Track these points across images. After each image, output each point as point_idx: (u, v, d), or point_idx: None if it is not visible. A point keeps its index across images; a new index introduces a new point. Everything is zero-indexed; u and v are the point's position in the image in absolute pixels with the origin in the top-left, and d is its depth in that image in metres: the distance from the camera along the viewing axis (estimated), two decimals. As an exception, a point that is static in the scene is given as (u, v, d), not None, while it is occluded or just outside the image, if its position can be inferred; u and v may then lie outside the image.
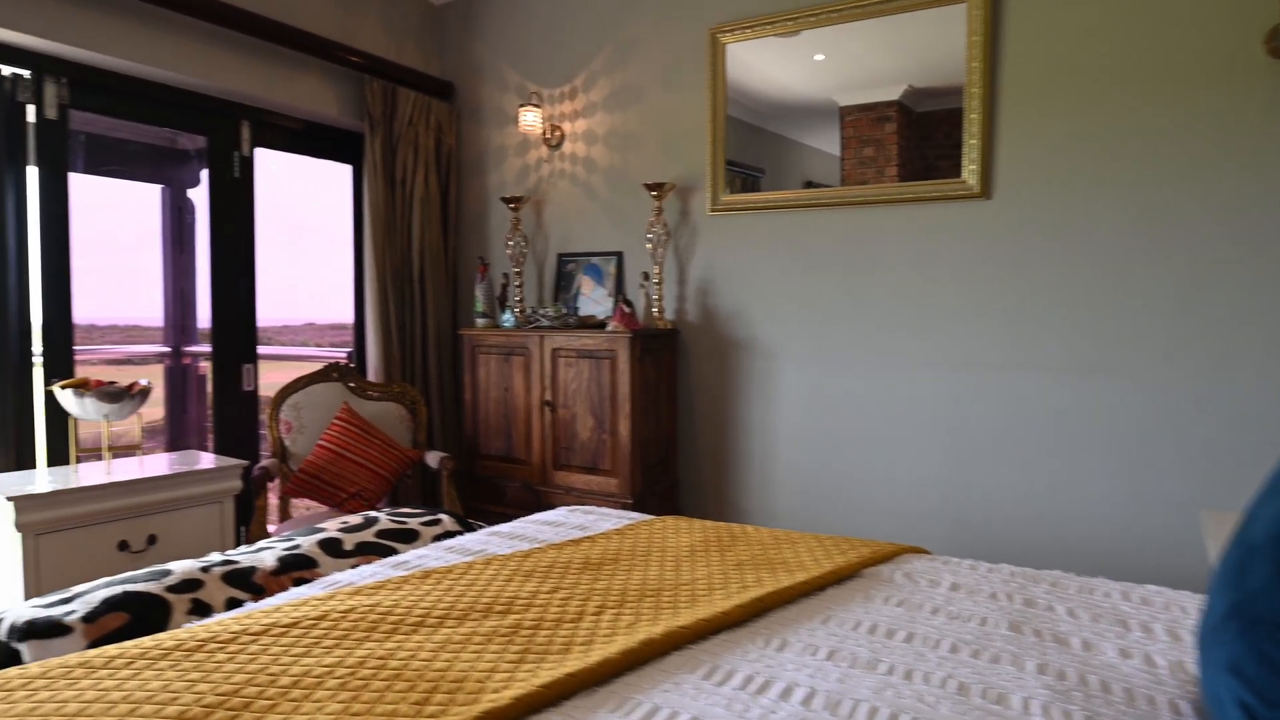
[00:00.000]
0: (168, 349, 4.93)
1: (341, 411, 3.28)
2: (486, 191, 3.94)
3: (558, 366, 3.25)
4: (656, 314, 3.33)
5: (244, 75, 3.22)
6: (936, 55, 2.86)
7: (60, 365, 2.88)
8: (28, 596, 2.31)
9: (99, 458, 2.80)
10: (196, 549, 2.66)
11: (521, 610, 1.41)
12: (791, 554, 1.75)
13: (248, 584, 1.61)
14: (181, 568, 1.61)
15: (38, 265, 2.84)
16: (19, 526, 2.28)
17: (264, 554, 1.73)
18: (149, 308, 4.91)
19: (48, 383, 2.81)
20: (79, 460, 2.78)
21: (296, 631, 1.30)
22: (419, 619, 1.36)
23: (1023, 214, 2.73)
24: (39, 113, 2.81)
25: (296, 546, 1.77)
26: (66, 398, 2.53)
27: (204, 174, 5.05)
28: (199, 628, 1.30)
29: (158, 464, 2.74)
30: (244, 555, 1.71)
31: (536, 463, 3.33)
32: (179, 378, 4.77)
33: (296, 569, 1.70)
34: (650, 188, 3.27)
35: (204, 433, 4.83)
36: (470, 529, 2.12)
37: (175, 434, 4.48)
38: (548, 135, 3.70)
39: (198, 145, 4.68)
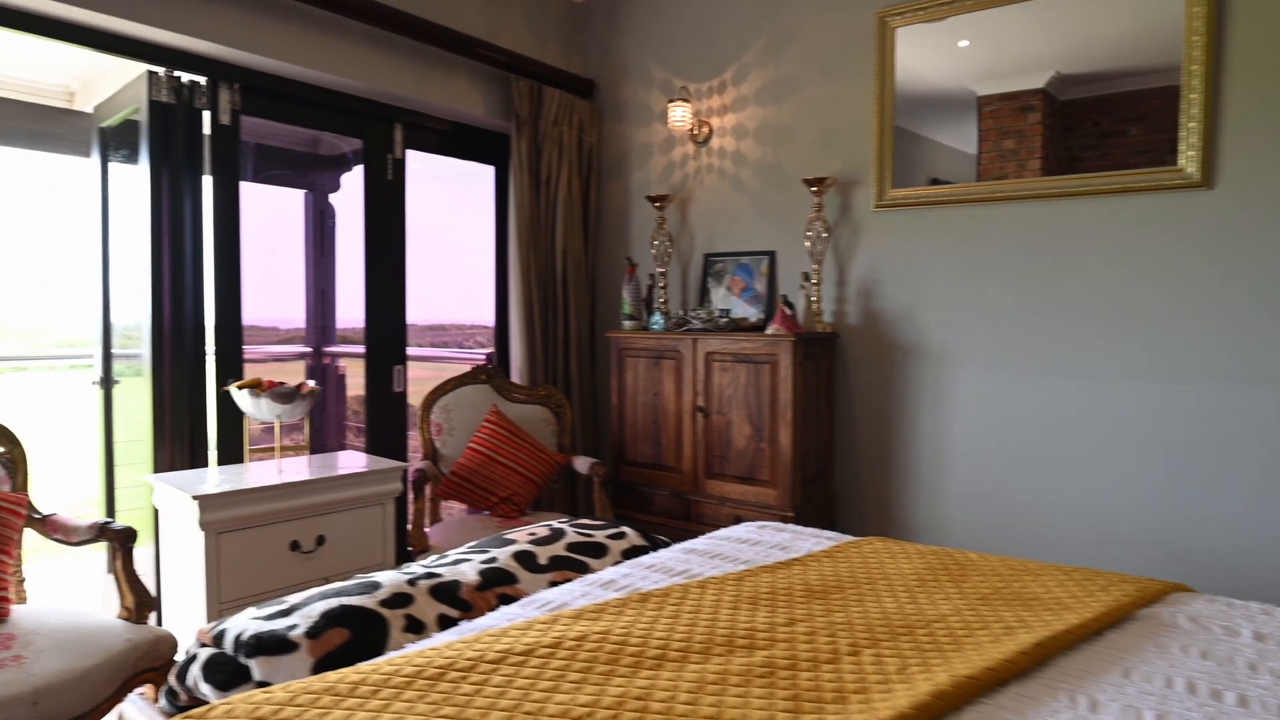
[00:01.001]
0: (308, 349, 5.07)
1: (490, 414, 3.24)
2: (628, 191, 3.85)
3: (712, 371, 3.12)
4: (816, 316, 3.15)
5: (398, 76, 3.23)
6: (1088, 38, 2.63)
7: (230, 365, 2.93)
8: (210, 594, 2.34)
9: (258, 457, 2.83)
10: (361, 551, 2.65)
11: (766, 645, 1.27)
12: (1040, 588, 1.55)
13: (455, 599, 1.53)
14: (388, 580, 1.54)
15: (210, 268, 2.90)
16: (202, 525, 2.31)
17: (463, 566, 1.65)
18: (291, 309, 5.05)
19: (221, 382, 2.86)
20: (243, 460, 2.83)
21: (535, 661, 1.19)
22: (659, 652, 1.24)
23: (1254, 204, 2.41)
24: (214, 119, 2.87)
25: (494, 560, 1.69)
26: (243, 398, 2.56)
27: (343, 179, 5.18)
28: (432, 652, 1.22)
29: (323, 465, 2.74)
30: (444, 568, 1.64)
31: (687, 470, 3.20)
32: (319, 378, 4.89)
33: (499, 584, 1.61)
34: (809, 183, 3.10)
35: (343, 432, 4.94)
36: (655, 543, 2.00)
37: (316, 433, 4.58)
38: (695, 131, 3.57)
39: (342, 149, 4.79)
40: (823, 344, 3.10)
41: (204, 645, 1.39)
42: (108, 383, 3.20)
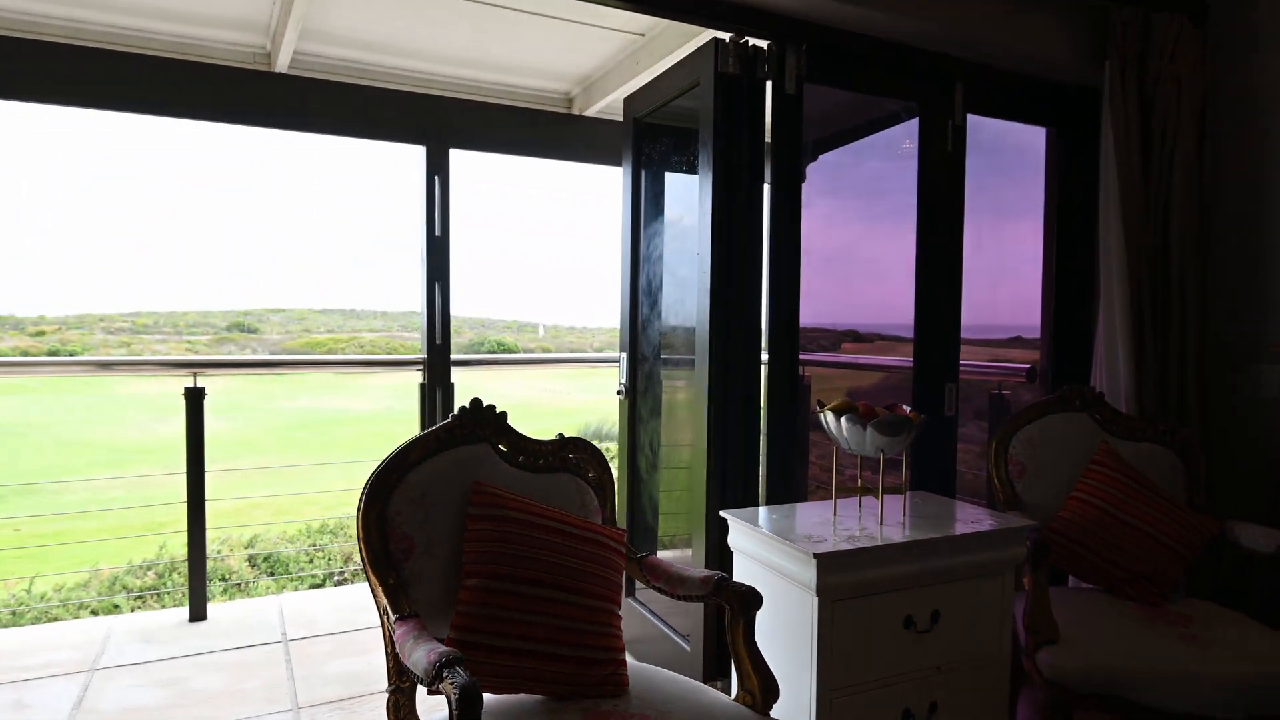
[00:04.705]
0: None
1: (1100, 454, 2.41)
2: (1261, 146, 2.75)
3: None
4: None
5: (977, 15, 2.54)
6: None
7: (785, 381, 2.48)
8: (821, 676, 1.82)
9: (815, 497, 2.31)
10: (976, 635, 1.99)
11: None
12: None
13: None
14: None
15: (767, 262, 2.48)
16: (819, 590, 1.80)
17: None
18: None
19: (786, 401, 2.42)
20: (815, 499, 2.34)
21: None
22: None
23: None
24: (776, 89, 2.43)
25: None
26: (843, 425, 2.03)
27: (809, 168, 4.66)
28: None
29: (921, 514, 2.13)
30: None
31: None
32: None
33: None
34: None
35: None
36: None
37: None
38: None
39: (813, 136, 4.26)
40: None
41: None
42: (632, 393, 2.97)
